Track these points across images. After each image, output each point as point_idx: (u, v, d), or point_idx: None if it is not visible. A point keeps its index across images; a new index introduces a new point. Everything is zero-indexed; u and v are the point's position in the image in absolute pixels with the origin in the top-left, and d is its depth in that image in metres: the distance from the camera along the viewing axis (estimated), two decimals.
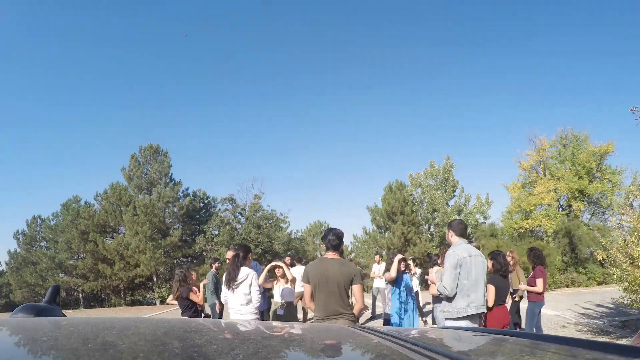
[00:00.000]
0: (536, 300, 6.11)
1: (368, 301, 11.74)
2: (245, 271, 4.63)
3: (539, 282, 6.03)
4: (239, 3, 44.43)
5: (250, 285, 4.59)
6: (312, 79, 44.34)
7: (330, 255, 3.83)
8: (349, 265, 3.82)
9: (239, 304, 4.63)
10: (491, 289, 4.84)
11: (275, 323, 1.36)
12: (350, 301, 3.81)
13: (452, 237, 4.23)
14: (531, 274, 6.29)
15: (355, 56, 44.20)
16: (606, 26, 35.28)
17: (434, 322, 8.95)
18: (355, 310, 3.79)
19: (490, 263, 5.15)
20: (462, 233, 4.23)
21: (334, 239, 3.82)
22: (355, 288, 3.73)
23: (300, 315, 9.78)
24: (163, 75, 42.78)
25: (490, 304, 4.82)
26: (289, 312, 6.66)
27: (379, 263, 11.52)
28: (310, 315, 9.74)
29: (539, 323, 6.38)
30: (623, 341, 6.62)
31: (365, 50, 43.78)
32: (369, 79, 44.39)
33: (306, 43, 43.38)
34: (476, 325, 4.02)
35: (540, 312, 6.21)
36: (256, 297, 4.63)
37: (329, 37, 43.69)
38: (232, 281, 4.62)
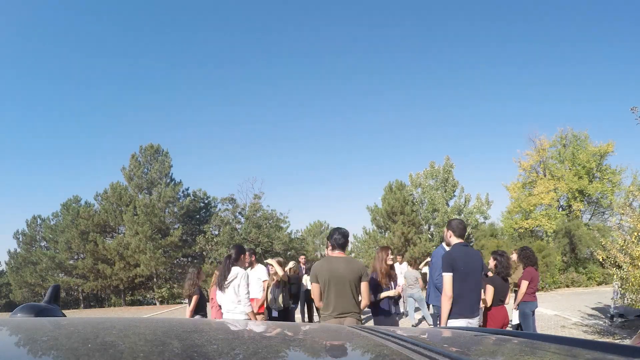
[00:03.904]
0: (527, 301, 6.02)
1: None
2: (235, 271, 4.62)
3: (524, 284, 5.96)
4: (238, 3, 44.45)
5: (239, 285, 4.58)
6: (312, 79, 44.37)
7: (337, 254, 3.87)
8: (356, 263, 3.90)
9: (230, 304, 4.64)
10: (490, 289, 4.83)
11: (275, 323, 1.36)
12: (359, 299, 3.86)
13: (451, 237, 4.13)
14: (521, 274, 6.23)
15: (354, 56, 44.22)
16: (606, 26, 35.29)
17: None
18: (362, 307, 3.86)
19: (493, 263, 5.13)
20: (461, 234, 4.12)
21: (340, 237, 3.88)
22: (363, 285, 3.80)
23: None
24: (163, 75, 42.82)
25: (489, 303, 4.82)
26: (285, 319, 6.59)
27: (400, 263, 10.87)
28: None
29: (534, 324, 6.29)
30: (623, 341, 6.61)
31: (365, 50, 43.79)
32: (368, 79, 44.42)
33: (306, 43, 43.41)
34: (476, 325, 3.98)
35: (534, 313, 6.14)
36: (244, 296, 4.60)
37: (328, 36, 43.70)
38: (222, 281, 4.63)
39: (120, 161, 40.39)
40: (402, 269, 10.45)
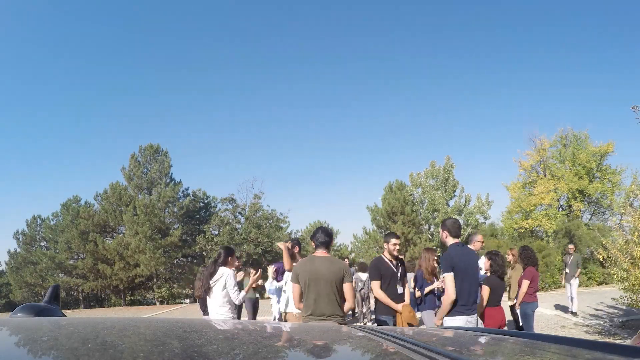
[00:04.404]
0: (528, 301, 5.98)
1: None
2: (220, 271, 4.53)
3: (525, 283, 5.93)
4: (238, 5, 44.45)
5: (225, 286, 4.49)
6: (312, 79, 44.37)
7: (320, 253, 3.72)
8: (339, 263, 3.72)
9: (216, 305, 4.56)
10: (486, 289, 4.83)
11: (275, 323, 1.36)
12: (341, 301, 3.68)
13: (447, 238, 4.07)
14: (521, 274, 6.20)
15: (355, 56, 44.22)
16: (606, 25, 35.30)
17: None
18: (345, 309, 3.68)
19: (487, 263, 5.14)
20: (457, 233, 4.08)
21: (323, 236, 3.74)
22: (346, 287, 3.61)
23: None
24: (163, 75, 42.82)
25: (484, 303, 4.82)
26: None
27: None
28: None
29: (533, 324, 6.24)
30: (623, 341, 6.61)
31: (365, 50, 43.79)
32: (369, 79, 44.44)
33: (306, 43, 43.41)
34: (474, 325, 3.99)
35: (533, 313, 6.11)
36: (234, 296, 4.52)
37: (329, 36, 43.70)
38: (207, 283, 4.56)
39: (120, 161, 40.39)
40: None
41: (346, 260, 11.46)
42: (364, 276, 10.60)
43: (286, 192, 45.57)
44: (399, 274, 4.82)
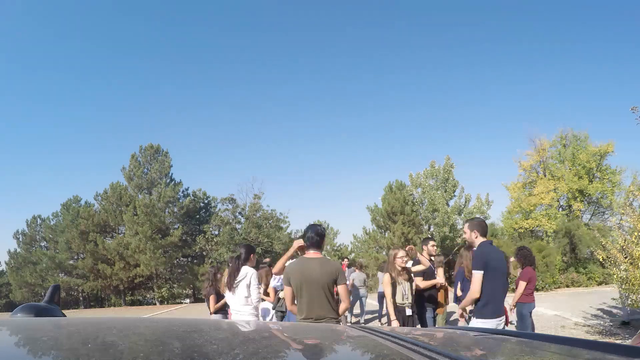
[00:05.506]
0: (524, 301, 5.88)
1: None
2: (244, 270, 4.63)
3: (521, 285, 5.85)
4: (238, 3, 44.46)
5: (249, 285, 4.60)
6: (312, 78, 44.39)
7: (312, 254, 3.61)
8: (332, 264, 3.62)
9: (238, 304, 4.65)
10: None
11: (275, 323, 1.36)
12: (335, 303, 3.59)
13: (477, 238, 3.95)
14: (519, 274, 6.14)
15: (355, 55, 44.24)
16: (606, 26, 35.31)
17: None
18: (340, 311, 3.62)
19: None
20: (486, 232, 4.00)
21: (314, 236, 3.61)
22: (340, 288, 3.54)
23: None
24: (163, 75, 42.84)
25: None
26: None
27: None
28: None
29: (530, 325, 6.08)
30: (624, 341, 6.60)
31: (365, 49, 43.81)
32: (369, 79, 44.44)
33: (307, 43, 43.43)
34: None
35: (531, 314, 5.99)
36: (255, 295, 4.64)
37: (328, 36, 43.71)
38: (231, 281, 4.64)
39: (120, 161, 40.46)
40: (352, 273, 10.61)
41: (346, 260, 11.48)
42: (362, 275, 10.69)
43: (286, 192, 45.64)
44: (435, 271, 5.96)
